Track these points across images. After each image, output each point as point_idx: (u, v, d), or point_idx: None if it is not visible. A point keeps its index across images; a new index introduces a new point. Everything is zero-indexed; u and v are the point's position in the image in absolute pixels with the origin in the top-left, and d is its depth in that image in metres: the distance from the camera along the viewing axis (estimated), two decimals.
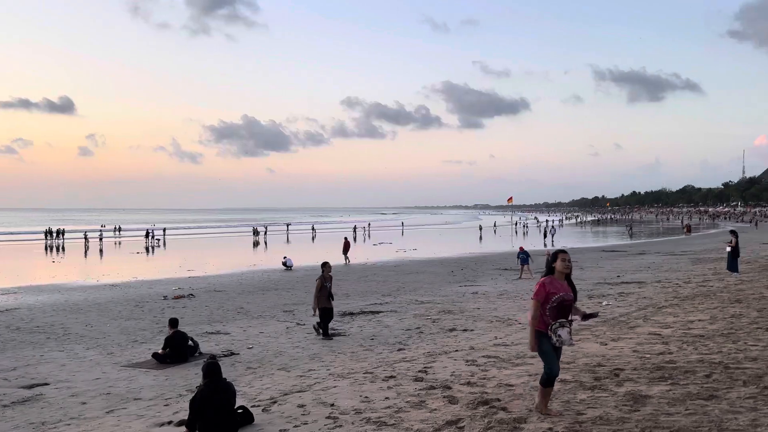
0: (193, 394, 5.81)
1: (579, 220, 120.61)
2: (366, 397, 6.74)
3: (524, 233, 66.01)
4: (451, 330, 11.39)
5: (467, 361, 8.32)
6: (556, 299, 5.33)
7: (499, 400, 6.15)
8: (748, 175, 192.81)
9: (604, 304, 13.69)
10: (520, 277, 21.31)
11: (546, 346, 5.35)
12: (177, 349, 9.73)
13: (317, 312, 11.57)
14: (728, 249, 19.68)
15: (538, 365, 7.63)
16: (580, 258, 30.32)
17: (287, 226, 78.88)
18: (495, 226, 77.52)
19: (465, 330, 11.34)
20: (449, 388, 6.83)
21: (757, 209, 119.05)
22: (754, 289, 14.62)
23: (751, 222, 79.61)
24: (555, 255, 5.61)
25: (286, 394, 7.14)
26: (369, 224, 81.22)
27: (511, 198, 59.24)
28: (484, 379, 7.17)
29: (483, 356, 8.58)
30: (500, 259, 29.94)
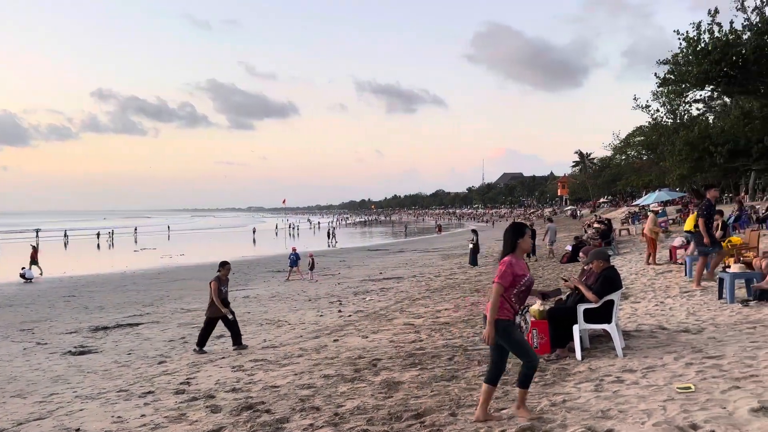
0: None
1: (349, 221, 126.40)
2: (119, 416, 6.18)
3: (293, 234, 67.02)
4: (219, 337, 11.02)
5: (233, 367, 8.14)
6: (525, 282, 4.64)
7: (263, 403, 6.12)
8: (486, 181, 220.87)
9: (367, 299, 14.51)
10: (287, 279, 21.53)
11: (518, 335, 4.71)
12: None
13: (225, 311, 9.90)
14: (470, 246, 22.38)
15: (304, 364, 7.80)
16: (348, 257, 31.83)
17: (37, 233, 68.88)
18: (277, 228, 77.09)
19: None
20: (213, 397, 6.60)
21: (493, 211, 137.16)
22: (490, 279, 16.74)
23: (488, 222, 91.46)
24: (519, 228, 4.78)
25: (20, 424, 6.22)
26: (136, 229, 74.88)
27: (285, 200, 59.68)
28: (250, 383, 7.08)
29: (250, 360, 8.47)
30: (273, 262, 29.92)
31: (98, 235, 58.50)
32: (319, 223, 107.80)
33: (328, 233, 53.98)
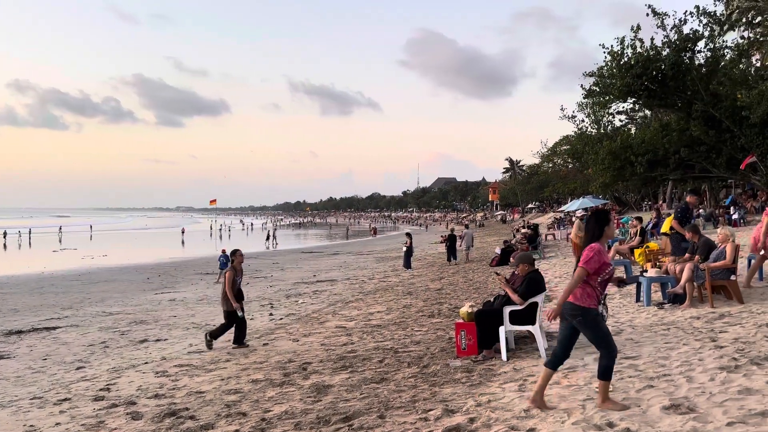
0: None
1: (283, 223, 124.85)
2: (32, 425, 5.85)
3: (223, 236, 65.60)
4: (142, 341, 10.62)
5: (157, 372, 7.85)
6: (610, 271, 4.64)
7: (188, 409, 5.94)
8: (421, 185, 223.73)
9: (300, 302, 14.36)
10: (217, 281, 21.02)
11: (605, 328, 4.68)
12: None
13: (235, 307, 9.28)
14: (404, 248, 22.59)
15: (231, 369, 7.63)
16: (281, 259, 31.42)
17: None
18: (212, 230, 74.93)
19: (158, 340, 10.69)
20: (134, 403, 6.35)
21: (428, 214, 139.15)
22: (422, 282, 17.01)
23: (422, 225, 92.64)
24: (605, 216, 4.74)
25: None
26: (60, 228, 71.03)
27: (214, 200, 58.20)
28: (174, 389, 6.85)
29: (175, 366, 8.19)
30: (202, 264, 29.14)
31: (5, 234, 54.58)
32: (252, 224, 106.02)
33: (268, 235, 53.25)
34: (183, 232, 66.86)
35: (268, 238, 51.31)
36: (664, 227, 10.77)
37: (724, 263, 8.50)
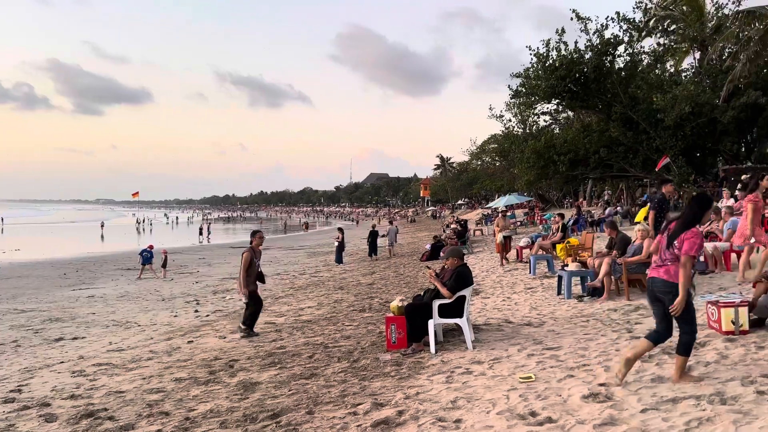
0: None
1: (211, 217, 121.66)
2: None
3: (145, 230, 63.25)
4: (58, 340, 10.07)
5: (73, 372, 7.46)
6: (701, 252, 4.76)
7: (106, 409, 5.67)
8: (354, 180, 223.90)
9: (227, 298, 14.04)
10: (139, 277, 20.24)
11: (692, 304, 4.71)
12: None
13: (242, 292, 9.00)
14: (336, 243, 22.53)
15: (154, 367, 7.35)
16: (209, 255, 30.60)
17: None
18: (138, 223, 71.85)
19: (75, 338, 10.16)
20: (48, 405, 6.00)
21: (360, 210, 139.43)
22: (354, 277, 17.02)
23: (354, 221, 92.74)
24: (708, 200, 4.82)
25: None
26: None
27: (137, 193, 55.84)
28: (92, 389, 6.53)
29: (93, 365, 7.81)
30: (124, 259, 27.97)
31: None
32: (177, 218, 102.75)
33: (201, 229, 51.77)
34: (102, 226, 63.84)
35: (201, 233, 49.97)
36: (638, 217, 10.79)
37: (640, 258, 8.96)
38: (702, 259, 10.50)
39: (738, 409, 4.03)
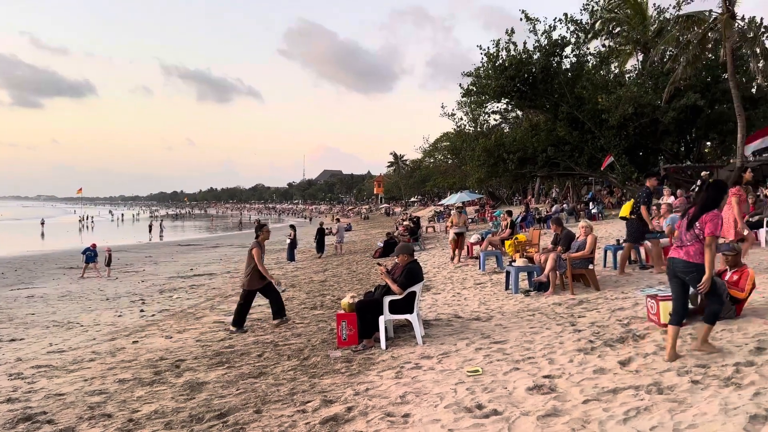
0: None
1: (158, 214, 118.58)
2: None
3: (87, 227, 61.20)
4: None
5: (11, 375, 7.14)
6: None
7: (45, 413, 5.46)
8: (307, 177, 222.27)
9: (174, 297, 13.72)
10: (81, 276, 19.57)
11: (718, 282, 5.08)
12: None
13: (273, 281, 9.04)
14: (288, 241, 22.32)
15: (96, 368, 7.12)
16: (156, 253, 29.85)
17: None
18: (81, 221, 69.17)
19: (12, 340, 9.73)
20: None
21: (313, 207, 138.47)
22: (306, 274, 16.90)
23: (307, 218, 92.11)
24: (725, 187, 5.15)
25: None
26: None
27: (80, 189, 53.91)
28: (30, 392, 6.27)
29: (32, 367, 7.50)
30: (66, 257, 26.98)
31: None
32: (122, 215, 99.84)
33: (150, 227, 50.37)
34: (43, 224, 61.34)
35: (151, 231, 48.70)
36: (623, 212, 10.68)
37: (583, 254, 9.23)
38: (642, 254, 10.93)
39: (674, 398, 4.21)
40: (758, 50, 21.99)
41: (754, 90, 29.30)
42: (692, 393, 4.27)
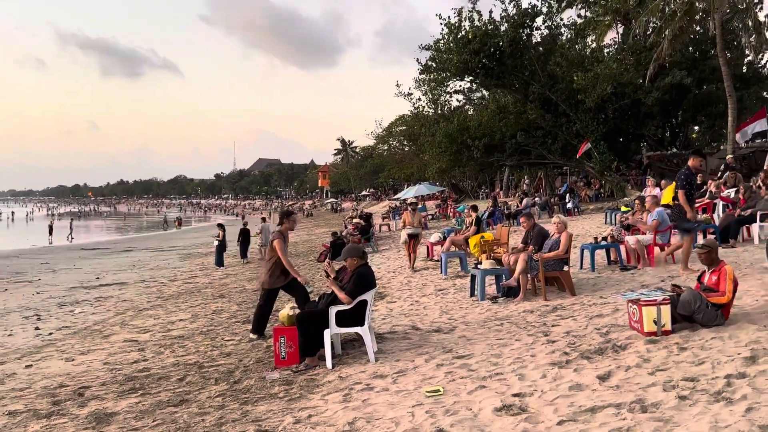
0: None
1: (56, 212, 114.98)
2: None
3: None
4: None
5: None
6: None
7: None
8: (238, 167, 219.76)
9: (77, 312, 13.37)
10: None
11: None
12: None
13: (302, 280, 8.67)
14: (216, 243, 22.01)
15: None
16: (53, 258, 28.99)
17: None
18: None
19: None
20: None
21: (246, 202, 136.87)
22: (237, 282, 16.70)
23: (239, 215, 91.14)
24: None
25: None
26: None
27: None
28: None
29: None
30: None
31: None
32: (13, 213, 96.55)
33: (50, 227, 48.76)
34: None
35: (51, 232, 47.14)
36: (665, 198, 10.36)
37: (557, 254, 9.42)
38: (624, 254, 11.25)
39: (659, 417, 4.34)
40: (750, 23, 22.86)
41: (745, 68, 30.55)
42: (679, 410, 4.41)
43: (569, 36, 29.31)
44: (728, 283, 6.40)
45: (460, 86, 34.92)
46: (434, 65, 28.22)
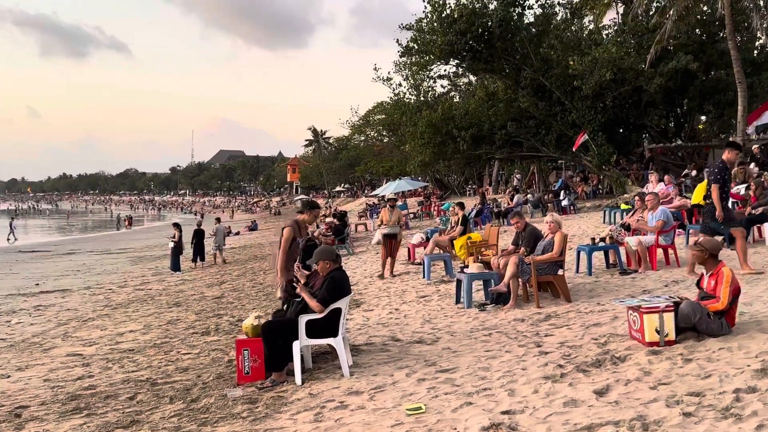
0: None
1: None
2: None
3: None
4: None
5: None
6: None
7: None
8: (197, 159, 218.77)
9: (13, 322, 13.23)
10: None
11: None
12: None
13: (282, 285, 7.93)
14: (171, 244, 21.88)
15: None
16: None
17: None
18: None
19: None
20: None
21: (206, 199, 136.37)
22: (196, 288, 16.62)
23: (197, 214, 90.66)
24: None
25: None
26: None
27: None
28: None
29: None
30: None
31: None
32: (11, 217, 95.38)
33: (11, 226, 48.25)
34: None
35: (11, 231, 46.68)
36: (695, 197, 10.14)
37: (551, 256, 9.49)
38: (623, 257, 11.36)
39: None
40: (762, 2, 23.10)
41: (756, 53, 30.91)
42: (684, 428, 4.46)
43: (565, 16, 29.51)
44: (724, 288, 6.44)
45: (445, 71, 34.92)
46: (416, 47, 28.28)
